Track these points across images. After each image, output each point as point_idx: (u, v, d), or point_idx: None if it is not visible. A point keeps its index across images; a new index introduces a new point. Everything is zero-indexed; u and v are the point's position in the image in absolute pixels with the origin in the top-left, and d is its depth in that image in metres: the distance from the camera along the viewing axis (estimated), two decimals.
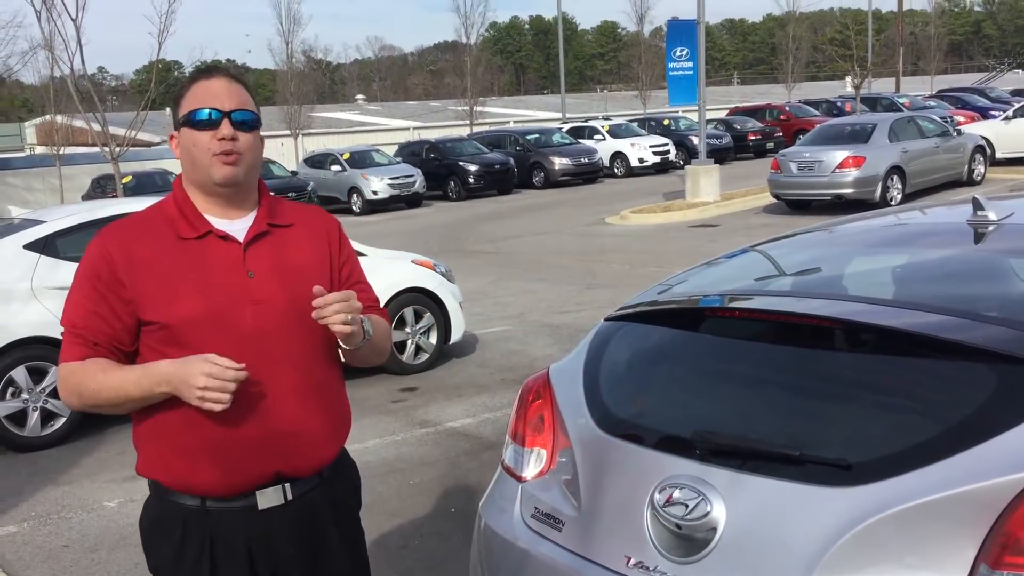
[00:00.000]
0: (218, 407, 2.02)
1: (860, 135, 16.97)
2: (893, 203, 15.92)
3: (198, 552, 2.19)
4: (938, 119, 20.10)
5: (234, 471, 2.16)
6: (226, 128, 2.15)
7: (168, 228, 2.19)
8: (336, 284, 2.31)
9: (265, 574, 2.23)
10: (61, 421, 6.80)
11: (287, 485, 2.21)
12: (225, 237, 2.19)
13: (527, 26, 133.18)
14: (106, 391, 2.10)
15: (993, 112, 28.83)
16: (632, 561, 2.14)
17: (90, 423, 6.93)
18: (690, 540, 2.05)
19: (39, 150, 39.28)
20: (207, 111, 2.15)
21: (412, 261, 8.41)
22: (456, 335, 8.46)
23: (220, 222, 2.21)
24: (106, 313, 2.13)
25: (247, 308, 2.14)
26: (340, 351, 2.31)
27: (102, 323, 2.13)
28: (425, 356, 8.26)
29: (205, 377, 1.99)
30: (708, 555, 2.01)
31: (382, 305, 2.48)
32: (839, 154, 16.35)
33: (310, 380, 2.22)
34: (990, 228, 2.68)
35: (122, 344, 2.15)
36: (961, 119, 25.97)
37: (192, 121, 2.16)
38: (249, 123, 2.19)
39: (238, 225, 2.23)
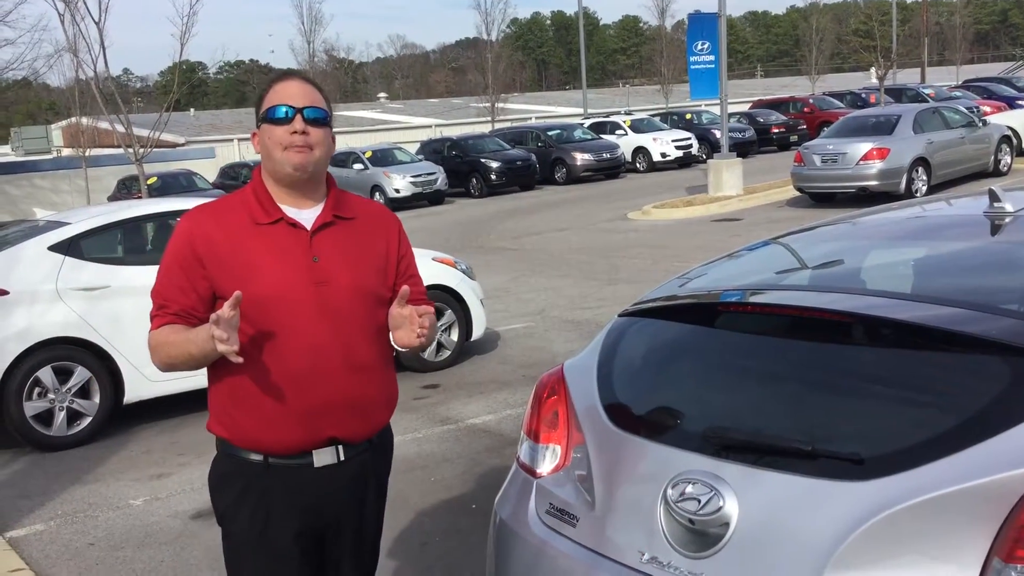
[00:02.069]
0: (221, 347, 2.17)
1: (884, 127, 16.80)
2: (918, 195, 15.73)
3: (256, 502, 2.46)
4: (964, 109, 19.86)
5: (294, 433, 2.41)
6: (298, 123, 2.40)
7: (245, 213, 2.45)
8: (394, 276, 2.57)
9: (311, 529, 2.50)
10: (87, 421, 6.88)
11: (340, 447, 2.47)
12: (295, 224, 2.44)
13: (548, 21, 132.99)
14: (175, 348, 2.38)
15: (1020, 102, 28.45)
16: (646, 556, 2.14)
17: (116, 422, 7.01)
18: (703, 535, 2.05)
19: (66, 152, 39.63)
20: (283, 108, 2.41)
21: (433, 258, 8.40)
22: (477, 332, 8.48)
23: (291, 210, 2.46)
24: (185, 286, 2.41)
25: (310, 289, 2.39)
26: (391, 338, 2.51)
27: (180, 295, 2.41)
28: (447, 353, 8.27)
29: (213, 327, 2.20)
30: (721, 550, 2.01)
31: None
32: (863, 146, 16.19)
33: (367, 354, 2.47)
34: (1007, 219, 2.66)
35: (197, 312, 2.41)
36: (987, 109, 25.63)
37: (269, 117, 2.43)
38: (320, 120, 2.44)
39: (307, 214, 2.48)
